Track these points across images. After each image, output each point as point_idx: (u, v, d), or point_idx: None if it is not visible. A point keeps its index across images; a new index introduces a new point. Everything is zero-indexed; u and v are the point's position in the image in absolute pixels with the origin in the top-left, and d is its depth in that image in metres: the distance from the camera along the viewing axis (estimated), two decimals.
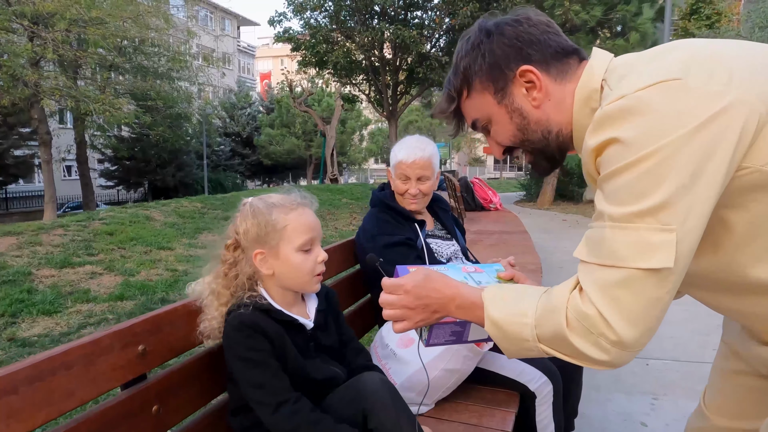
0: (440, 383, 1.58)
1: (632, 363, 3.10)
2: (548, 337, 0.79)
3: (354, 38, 11.22)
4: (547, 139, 0.92)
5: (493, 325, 0.84)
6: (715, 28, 11.67)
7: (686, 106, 0.68)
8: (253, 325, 1.11)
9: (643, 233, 0.70)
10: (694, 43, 0.79)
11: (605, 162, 0.75)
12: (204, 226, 8.43)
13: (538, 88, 0.89)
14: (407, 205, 1.86)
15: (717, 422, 1.13)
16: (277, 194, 1.24)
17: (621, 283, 0.71)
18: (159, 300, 4.60)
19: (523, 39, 0.89)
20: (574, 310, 0.75)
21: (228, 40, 40.42)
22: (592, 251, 0.76)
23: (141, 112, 15.72)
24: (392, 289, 0.95)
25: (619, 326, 0.71)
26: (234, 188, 26.05)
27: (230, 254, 1.19)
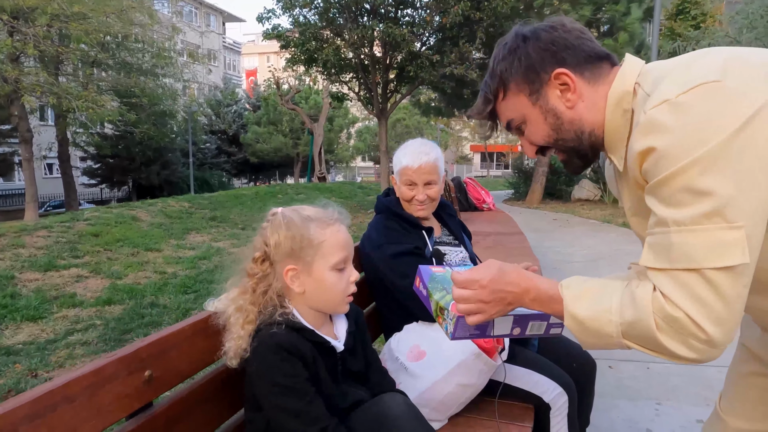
0: (454, 398, 1.53)
1: (633, 367, 3.09)
2: (634, 335, 0.81)
3: (344, 36, 11.11)
4: (580, 138, 0.95)
5: (574, 321, 0.87)
6: (702, 29, 11.80)
7: (728, 106, 0.72)
8: (290, 347, 1.04)
9: (714, 233, 0.72)
10: (725, 49, 0.82)
11: (655, 167, 0.77)
12: (192, 226, 8.29)
13: (572, 90, 0.93)
14: (414, 211, 1.79)
15: (734, 425, 1.12)
16: (312, 207, 1.16)
17: (703, 285, 0.73)
18: (149, 304, 4.48)
19: (558, 43, 0.93)
20: (662, 314, 0.76)
21: (213, 37, 39.95)
22: (661, 257, 0.77)
23: (125, 109, 15.44)
24: (466, 284, 0.94)
25: (709, 327, 0.73)
26: (220, 187, 25.77)
27: (258, 268, 1.11)
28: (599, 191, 13.00)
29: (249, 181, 34.39)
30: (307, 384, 1.04)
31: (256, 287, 1.10)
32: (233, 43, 47.98)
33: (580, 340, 0.89)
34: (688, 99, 0.74)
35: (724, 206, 0.71)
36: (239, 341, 1.06)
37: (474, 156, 53.94)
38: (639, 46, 12.32)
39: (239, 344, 1.06)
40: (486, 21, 10.65)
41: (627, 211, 1.02)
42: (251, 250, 1.13)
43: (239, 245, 7.22)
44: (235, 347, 1.06)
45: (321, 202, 1.19)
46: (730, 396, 1.15)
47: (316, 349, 1.10)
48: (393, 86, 12.52)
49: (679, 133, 0.74)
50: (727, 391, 1.17)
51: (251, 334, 1.07)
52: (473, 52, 11.46)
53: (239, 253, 1.18)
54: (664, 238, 0.77)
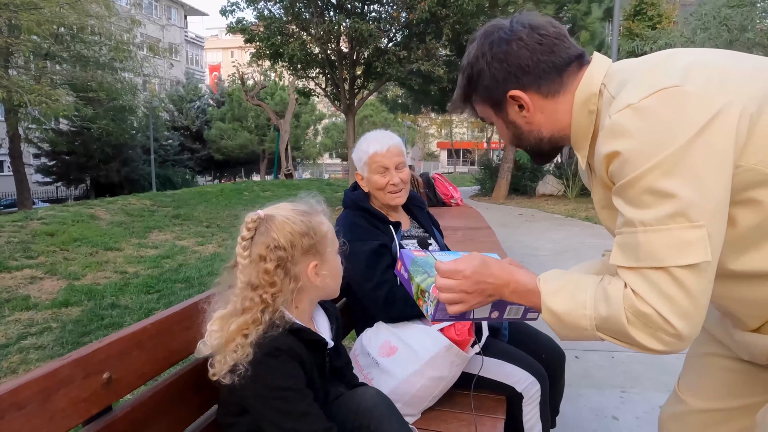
0: (427, 392, 1.52)
1: (598, 357, 3.17)
2: (607, 328, 0.85)
3: (310, 31, 10.97)
4: (540, 143, 1.02)
5: (551, 314, 0.91)
6: (659, 30, 12.21)
7: (687, 111, 0.75)
8: (289, 350, 1.01)
9: (677, 233, 0.76)
10: (690, 52, 0.86)
11: (620, 170, 0.80)
12: (154, 224, 8.04)
13: (528, 109, 0.97)
14: (391, 200, 1.75)
15: (694, 405, 1.15)
16: (286, 203, 1.13)
17: (669, 282, 0.77)
18: (109, 305, 4.30)
19: (512, 63, 0.94)
20: (632, 310, 0.80)
21: (175, 30, 38.85)
22: (630, 256, 0.81)
23: (81, 104, 14.82)
24: (450, 274, 0.97)
25: (676, 322, 0.77)
26: (184, 184, 25.12)
27: (271, 277, 1.04)
28: (563, 186, 13.32)
29: (213, 178, 33.65)
30: (305, 387, 1.02)
31: (268, 298, 1.03)
32: (196, 38, 46.79)
33: (556, 332, 0.92)
34: (650, 104, 0.77)
35: (686, 207, 0.75)
36: (237, 358, 0.99)
37: (441, 153, 54.38)
38: (600, 45, 12.66)
39: (237, 360, 0.99)
40: (452, 18, 10.72)
41: (596, 204, 1.04)
42: (253, 262, 1.05)
43: (204, 243, 7.04)
44: (231, 364, 0.99)
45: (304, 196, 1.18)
46: (690, 377, 1.19)
47: (309, 349, 1.07)
48: (360, 82, 12.47)
49: (641, 138, 0.77)
50: (686, 372, 1.20)
51: (248, 349, 1.00)
52: (440, 48, 11.53)
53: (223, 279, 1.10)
54: (631, 238, 0.80)
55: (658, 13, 15.64)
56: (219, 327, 1.03)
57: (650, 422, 2.41)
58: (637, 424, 2.41)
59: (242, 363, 0.98)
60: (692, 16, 9.81)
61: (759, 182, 0.78)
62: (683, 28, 10.33)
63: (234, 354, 0.99)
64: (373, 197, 1.81)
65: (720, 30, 8.76)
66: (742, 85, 0.78)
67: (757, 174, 0.77)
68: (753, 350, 0.99)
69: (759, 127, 0.77)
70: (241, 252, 1.06)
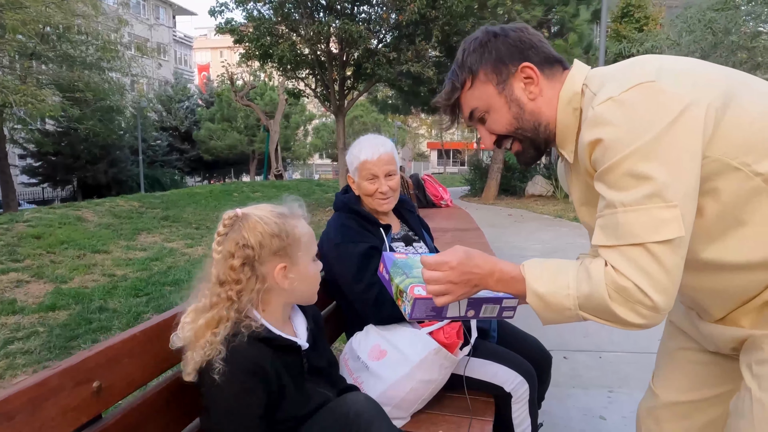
0: (417, 395, 1.53)
1: (586, 357, 3.20)
2: (590, 306, 0.90)
3: (299, 32, 10.94)
4: (537, 129, 1.05)
5: (536, 297, 0.95)
6: (645, 32, 12.35)
7: (662, 102, 0.83)
8: (253, 366, 1.00)
9: (654, 212, 0.82)
10: (663, 58, 0.94)
11: (602, 156, 0.87)
12: (143, 226, 7.97)
13: (535, 83, 1.03)
14: (379, 206, 1.77)
15: (666, 398, 1.19)
16: (266, 204, 1.14)
17: (647, 257, 0.83)
18: (97, 309, 4.27)
19: (524, 42, 1.04)
20: (613, 285, 0.86)
21: (163, 30, 38.52)
22: (610, 236, 0.87)
23: (68, 104, 14.64)
24: (436, 266, 1.01)
25: (653, 294, 0.83)
26: (173, 185, 24.91)
27: (237, 274, 1.05)
28: (552, 187, 13.41)
29: (203, 179, 33.42)
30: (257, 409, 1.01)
31: (233, 295, 1.05)
32: (184, 37, 46.42)
33: (540, 316, 0.97)
34: (629, 96, 0.85)
35: (662, 188, 0.82)
36: (206, 355, 1.00)
37: (431, 153, 54.49)
38: (587, 47, 12.76)
39: (204, 358, 1.00)
40: (442, 19, 10.75)
41: (576, 202, 1.10)
42: (223, 258, 1.06)
43: (193, 245, 7.00)
44: (199, 362, 1.01)
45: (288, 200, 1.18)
46: (661, 371, 1.23)
47: (281, 353, 1.07)
48: (350, 83, 12.45)
49: (621, 126, 0.84)
50: (658, 367, 1.25)
51: (218, 346, 1.01)
52: (429, 50, 11.56)
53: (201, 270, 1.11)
54: (612, 219, 0.86)
55: (645, 15, 15.80)
56: (191, 320, 1.05)
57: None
58: (624, 423, 2.44)
59: (216, 361, 0.99)
60: (678, 19, 9.94)
61: (721, 172, 0.85)
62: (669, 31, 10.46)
63: (202, 351, 1.00)
64: (363, 201, 1.82)
65: (705, 33, 8.89)
66: (709, 85, 0.86)
67: (721, 164, 0.85)
68: (717, 341, 1.04)
69: (723, 122, 0.84)
70: (215, 247, 1.09)
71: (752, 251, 0.88)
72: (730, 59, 8.74)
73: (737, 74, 0.94)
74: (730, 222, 0.87)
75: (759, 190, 0.85)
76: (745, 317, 0.96)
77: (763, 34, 8.98)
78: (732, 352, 1.04)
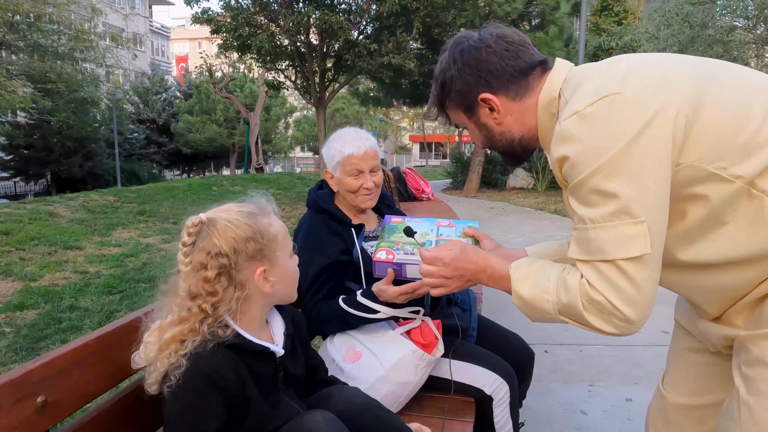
0: (394, 397, 1.48)
1: (568, 351, 3.20)
2: (567, 313, 0.94)
3: (278, 22, 10.75)
4: (511, 144, 1.09)
5: (519, 299, 1.00)
6: (624, 26, 12.45)
7: (626, 115, 0.83)
8: (214, 375, 0.93)
9: (621, 229, 0.84)
10: (635, 57, 0.95)
11: (571, 172, 0.89)
12: (118, 221, 7.77)
13: (497, 111, 1.05)
14: (362, 203, 1.68)
15: (674, 400, 1.19)
16: (232, 204, 1.06)
17: (616, 273, 0.86)
18: (67, 308, 4.13)
19: (482, 68, 1.02)
20: (587, 298, 0.89)
21: (139, 20, 37.61)
22: (583, 250, 0.90)
23: (39, 95, 14.21)
24: (432, 261, 1.10)
25: (623, 308, 0.86)
26: (150, 179, 24.45)
27: (212, 286, 0.97)
28: (532, 180, 13.49)
29: (182, 172, 32.86)
30: (214, 421, 0.94)
31: (208, 308, 0.97)
32: (161, 28, 45.44)
33: (526, 314, 1.02)
34: (593, 110, 0.85)
35: (628, 205, 0.83)
36: (168, 365, 0.94)
37: (413, 146, 54.48)
38: (568, 40, 12.84)
39: (168, 367, 0.93)
40: (422, 11, 10.68)
41: (564, 196, 1.08)
42: (193, 270, 0.98)
43: (170, 240, 6.84)
44: (162, 372, 0.94)
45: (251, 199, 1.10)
46: (671, 373, 1.23)
47: (252, 360, 1.00)
48: (330, 75, 12.32)
49: (586, 142, 0.85)
50: (668, 368, 1.24)
51: (182, 358, 0.94)
52: (410, 42, 11.48)
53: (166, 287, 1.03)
54: (583, 234, 0.89)
55: (624, 9, 15.95)
56: (155, 339, 0.97)
57: (617, 416, 2.45)
58: (605, 417, 2.43)
59: (173, 373, 0.92)
60: (656, 13, 10.00)
61: (702, 178, 0.85)
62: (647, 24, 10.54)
63: (166, 360, 0.93)
64: (340, 197, 1.74)
65: (682, 26, 8.96)
66: (678, 88, 0.86)
67: (697, 170, 0.85)
68: (713, 339, 1.04)
69: (696, 127, 0.84)
70: (182, 258, 1.00)
71: (732, 249, 0.87)
72: (707, 53, 8.83)
73: (712, 65, 0.93)
74: (712, 223, 0.87)
75: (740, 192, 0.84)
76: (739, 316, 0.95)
77: (739, 29, 9.11)
78: (727, 351, 1.03)
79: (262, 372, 1.03)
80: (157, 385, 0.95)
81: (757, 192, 0.83)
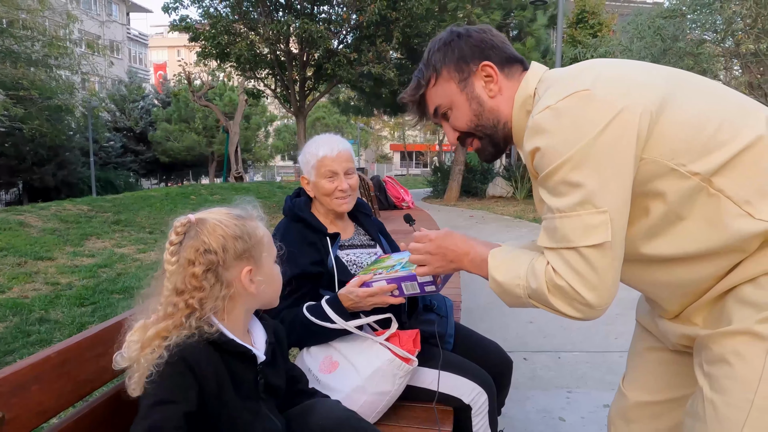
0: (371, 407, 1.46)
1: (546, 358, 3.21)
2: (536, 298, 0.98)
3: (258, 30, 10.72)
4: (496, 127, 1.11)
5: (495, 283, 1.05)
6: (599, 38, 12.75)
7: (594, 111, 0.88)
8: (190, 359, 0.93)
9: (585, 218, 0.88)
10: (605, 62, 0.99)
11: (541, 163, 0.93)
12: (92, 231, 7.59)
13: (495, 81, 1.08)
14: (338, 206, 1.67)
15: (635, 399, 1.22)
16: (221, 207, 1.08)
17: (579, 259, 0.90)
18: (37, 320, 3.99)
19: (486, 42, 1.10)
20: (552, 283, 0.94)
21: (116, 27, 37.15)
22: (551, 238, 0.95)
23: (10, 102, 13.87)
24: (420, 239, 1.20)
25: (585, 293, 0.91)
26: (127, 188, 23.99)
27: (199, 281, 0.98)
28: (511, 188, 13.65)
29: (159, 181, 32.39)
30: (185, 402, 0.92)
31: (194, 303, 0.97)
32: (139, 35, 44.95)
33: (502, 299, 1.07)
34: (564, 105, 0.89)
35: (592, 195, 0.87)
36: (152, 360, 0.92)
37: (394, 155, 54.69)
38: (545, 51, 13.07)
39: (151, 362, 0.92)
40: (402, 21, 10.78)
41: (535, 198, 1.13)
42: (181, 267, 0.98)
43: (146, 250, 6.71)
44: (145, 371, 0.92)
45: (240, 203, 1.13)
46: (630, 372, 1.25)
47: (232, 360, 1.00)
48: (311, 84, 12.32)
49: (556, 135, 0.89)
50: (628, 368, 1.27)
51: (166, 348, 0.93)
52: (390, 51, 11.56)
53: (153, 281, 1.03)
54: (551, 223, 0.94)
55: (599, 21, 16.35)
56: (138, 338, 0.96)
57: (595, 421, 2.46)
58: (583, 423, 2.44)
59: (154, 365, 0.91)
60: (629, 26, 10.27)
61: (662, 174, 0.89)
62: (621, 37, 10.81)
63: (150, 356, 0.92)
64: (317, 203, 1.73)
65: (654, 39, 9.21)
66: (645, 91, 0.90)
67: (659, 166, 0.88)
68: (672, 338, 1.07)
69: (659, 125, 0.88)
70: (168, 258, 0.99)
71: (690, 244, 0.91)
72: (678, 65, 9.09)
73: (680, 75, 0.98)
74: (671, 218, 0.91)
75: (698, 188, 0.88)
76: (698, 314, 0.98)
77: (708, 42, 9.40)
78: (686, 349, 1.06)
79: (243, 376, 1.03)
80: (140, 386, 0.93)
81: (714, 191, 0.87)
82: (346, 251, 1.68)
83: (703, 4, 8.65)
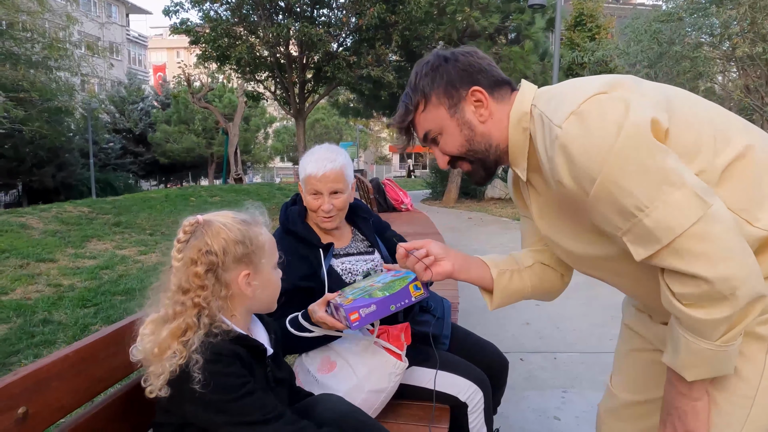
0: (367, 405, 1.50)
1: (542, 359, 3.27)
2: (695, 329, 0.87)
3: (258, 33, 10.79)
4: (488, 151, 1.09)
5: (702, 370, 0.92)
6: (597, 41, 12.82)
7: (621, 105, 0.86)
8: (231, 354, 1.00)
9: (670, 198, 0.81)
10: (609, 75, 0.99)
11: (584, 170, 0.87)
12: (93, 233, 7.64)
13: (485, 106, 1.07)
14: (320, 223, 1.69)
15: (624, 398, 1.25)
16: (228, 211, 1.13)
17: (695, 241, 0.80)
18: (40, 322, 4.05)
19: (473, 66, 1.08)
20: (681, 296, 0.84)
21: (116, 29, 37.20)
22: (649, 244, 0.84)
23: (11, 104, 13.90)
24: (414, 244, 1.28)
25: (714, 272, 0.79)
26: (126, 189, 24.00)
27: (201, 281, 1.03)
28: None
29: (159, 183, 32.39)
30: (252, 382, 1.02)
31: (201, 302, 1.02)
32: (138, 37, 44.98)
33: (717, 370, 0.92)
34: (588, 107, 0.87)
35: (665, 176, 0.82)
36: (177, 364, 0.97)
37: (393, 156, 54.74)
38: (543, 54, 13.13)
39: (176, 367, 0.97)
40: (401, 24, 10.84)
41: (534, 215, 1.13)
42: (184, 265, 1.03)
43: (147, 252, 6.76)
44: (168, 374, 0.97)
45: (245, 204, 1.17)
46: (618, 372, 1.29)
47: (252, 355, 1.07)
48: (310, 86, 12.38)
49: (590, 137, 0.86)
50: (616, 369, 1.31)
51: (193, 354, 0.98)
52: (389, 54, 11.63)
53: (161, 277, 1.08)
54: (640, 227, 0.84)
55: (597, 24, 16.42)
56: (150, 331, 1.02)
57: (589, 421, 2.52)
58: (577, 423, 2.50)
59: (194, 370, 0.96)
60: (627, 29, 10.34)
61: None
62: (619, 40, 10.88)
63: (173, 360, 0.97)
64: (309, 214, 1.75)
65: (651, 43, 9.28)
66: (650, 94, 0.92)
67: None
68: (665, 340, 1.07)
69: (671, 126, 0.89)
70: (175, 254, 1.05)
71: None
72: (674, 68, 9.16)
73: (668, 87, 1.00)
74: None
75: None
76: None
77: (705, 45, 9.47)
78: None
79: (256, 370, 1.09)
80: (164, 389, 0.97)
81: None
82: (341, 260, 1.70)
83: (700, 7, 8.72)
